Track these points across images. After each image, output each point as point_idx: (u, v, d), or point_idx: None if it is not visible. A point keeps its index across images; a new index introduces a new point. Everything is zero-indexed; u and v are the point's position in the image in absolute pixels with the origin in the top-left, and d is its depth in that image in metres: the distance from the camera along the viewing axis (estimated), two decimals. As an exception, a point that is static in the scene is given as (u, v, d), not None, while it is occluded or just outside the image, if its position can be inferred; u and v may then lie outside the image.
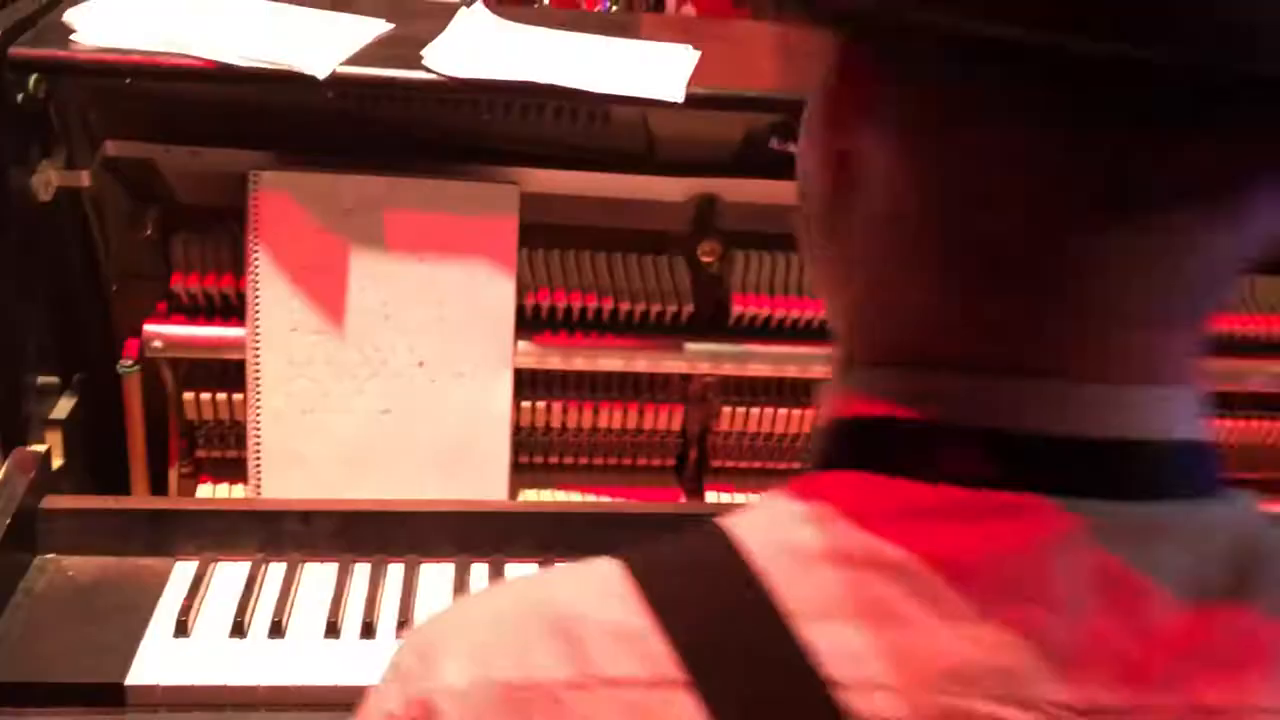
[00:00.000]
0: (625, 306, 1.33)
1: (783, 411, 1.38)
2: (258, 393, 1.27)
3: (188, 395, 1.31)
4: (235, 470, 1.33)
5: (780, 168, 1.36)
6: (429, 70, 1.18)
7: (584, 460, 1.41)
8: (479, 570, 1.25)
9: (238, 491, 1.33)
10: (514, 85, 1.18)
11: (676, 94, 1.19)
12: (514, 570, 1.25)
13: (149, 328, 1.27)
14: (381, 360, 1.29)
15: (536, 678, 0.42)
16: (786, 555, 0.42)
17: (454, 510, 1.27)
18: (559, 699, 0.41)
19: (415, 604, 1.19)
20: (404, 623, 1.16)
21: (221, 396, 1.31)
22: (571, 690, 0.41)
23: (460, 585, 1.22)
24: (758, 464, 1.43)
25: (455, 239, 1.28)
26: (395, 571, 1.23)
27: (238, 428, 1.32)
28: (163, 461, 1.34)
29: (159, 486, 1.34)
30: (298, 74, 1.15)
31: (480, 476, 1.31)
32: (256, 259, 1.25)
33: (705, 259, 1.35)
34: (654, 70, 1.23)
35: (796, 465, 1.44)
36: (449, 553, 1.26)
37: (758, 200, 1.35)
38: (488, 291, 1.29)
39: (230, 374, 1.30)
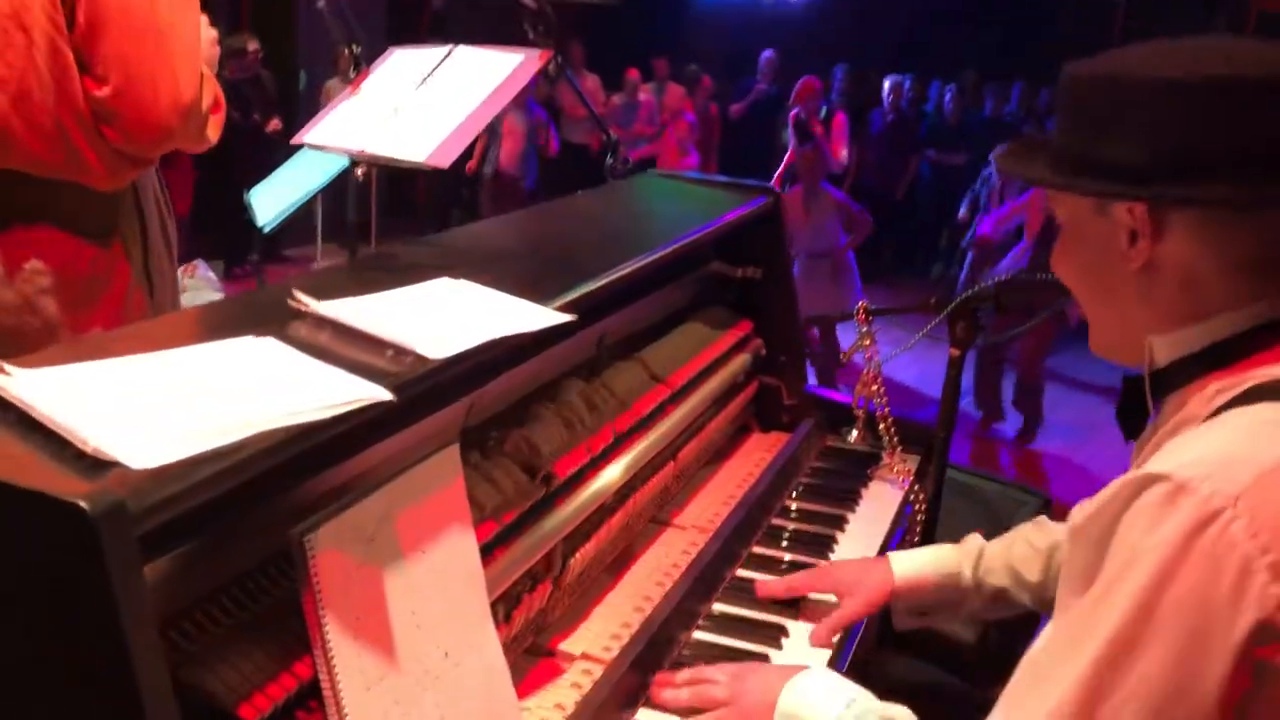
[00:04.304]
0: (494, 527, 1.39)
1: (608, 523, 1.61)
2: (363, 782, 1.08)
3: None
4: None
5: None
6: (433, 359, 1.16)
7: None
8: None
9: None
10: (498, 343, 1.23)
11: (560, 316, 1.36)
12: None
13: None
14: (424, 671, 1.19)
15: None
16: None
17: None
18: None
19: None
20: None
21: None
22: None
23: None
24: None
25: (438, 515, 1.23)
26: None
27: None
28: None
29: None
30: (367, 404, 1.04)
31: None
32: (329, 636, 1.05)
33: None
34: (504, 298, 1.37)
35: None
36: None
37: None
38: (460, 548, 1.27)
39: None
